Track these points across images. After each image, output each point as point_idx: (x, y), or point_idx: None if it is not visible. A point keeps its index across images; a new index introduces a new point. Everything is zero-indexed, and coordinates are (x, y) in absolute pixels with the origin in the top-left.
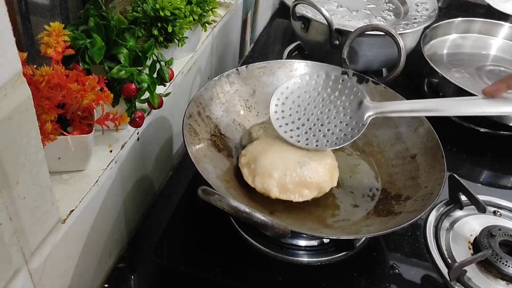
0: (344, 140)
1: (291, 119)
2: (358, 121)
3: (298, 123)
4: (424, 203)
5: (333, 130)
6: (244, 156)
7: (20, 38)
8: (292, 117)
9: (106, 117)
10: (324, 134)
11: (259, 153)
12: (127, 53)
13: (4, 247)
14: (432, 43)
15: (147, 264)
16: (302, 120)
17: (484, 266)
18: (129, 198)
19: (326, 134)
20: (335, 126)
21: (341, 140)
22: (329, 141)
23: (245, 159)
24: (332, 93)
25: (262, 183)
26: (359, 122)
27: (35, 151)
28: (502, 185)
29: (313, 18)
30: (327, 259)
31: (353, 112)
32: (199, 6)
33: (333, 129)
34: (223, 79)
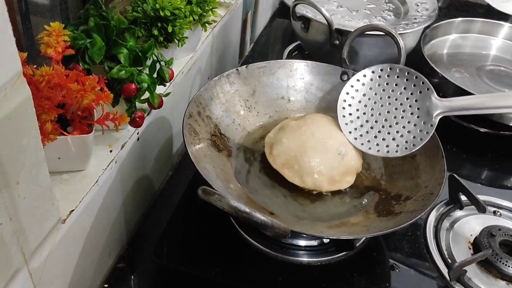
0: (415, 145)
1: (359, 122)
2: (427, 121)
3: (366, 126)
4: (424, 203)
5: (402, 132)
6: (278, 156)
7: (20, 38)
8: (360, 120)
9: (106, 117)
10: (394, 138)
11: (298, 152)
12: (127, 53)
13: (4, 247)
14: (432, 43)
15: (147, 264)
16: (370, 122)
17: (484, 266)
18: (129, 198)
19: (395, 137)
20: (403, 127)
21: (411, 145)
22: (399, 146)
23: (281, 160)
24: (398, 88)
25: (313, 182)
26: (427, 122)
27: (35, 151)
28: (502, 185)
29: (313, 18)
30: (327, 259)
31: (420, 111)
32: (199, 6)
33: (402, 131)
34: (223, 79)
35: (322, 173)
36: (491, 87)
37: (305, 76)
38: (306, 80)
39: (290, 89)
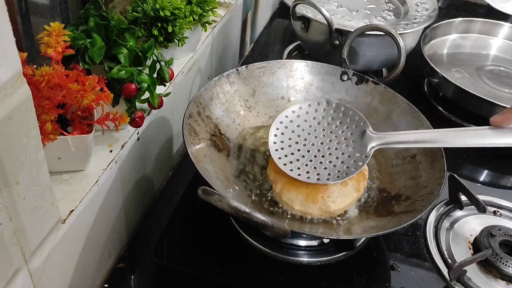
0: (347, 173)
1: (290, 150)
2: (361, 152)
3: (298, 154)
4: (424, 203)
5: (335, 162)
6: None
7: (20, 38)
8: (292, 148)
9: (106, 117)
10: (326, 167)
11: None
12: (127, 53)
13: (4, 247)
14: (432, 43)
15: (147, 264)
16: (302, 151)
17: (484, 266)
18: (129, 198)
19: (327, 166)
20: (337, 158)
21: (343, 174)
22: (331, 175)
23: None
24: (334, 122)
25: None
26: (362, 154)
27: (35, 151)
28: (502, 185)
29: (313, 18)
30: (327, 259)
31: (355, 143)
32: (199, 6)
33: (335, 161)
34: (223, 79)
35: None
36: (491, 87)
37: (305, 76)
38: (306, 80)
39: (290, 89)
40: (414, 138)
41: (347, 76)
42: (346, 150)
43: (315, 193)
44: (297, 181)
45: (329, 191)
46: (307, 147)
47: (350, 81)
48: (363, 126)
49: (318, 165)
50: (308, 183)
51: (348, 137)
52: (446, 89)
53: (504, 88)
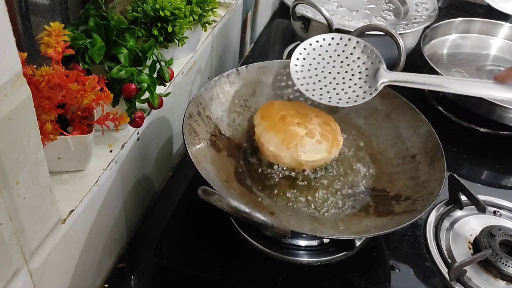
0: (356, 101)
1: (309, 74)
2: (372, 85)
3: (315, 78)
4: (424, 203)
5: (347, 90)
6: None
7: (20, 38)
8: (311, 72)
9: (106, 117)
10: (338, 92)
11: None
12: (127, 53)
13: (4, 247)
14: (432, 43)
15: (147, 264)
16: (319, 76)
17: (484, 266)
18: (129, 198)
19: (339, 92)
20: (349, 87)
21: (353, 100)
22: (341, 99)
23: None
24: (352, 56)
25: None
26: (372, 87)
27: (35, 151)
28: (502, 185)
29: (313, 18)
30: (327, 259)
31: (368, 77)
32: (199, 6)
33: (347, 89)
34: (223, 79)
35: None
36: None
37: None
38: None
39: (290, 89)
40: (421, 80)
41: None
42: (359, 82)
43: (290, 139)
44: (278, 126)
45: (303, 142)
46: (325, 73)
47: None
48: (378, 64)
49: (331, 90)
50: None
51: (363, 71)
52: None
53: None
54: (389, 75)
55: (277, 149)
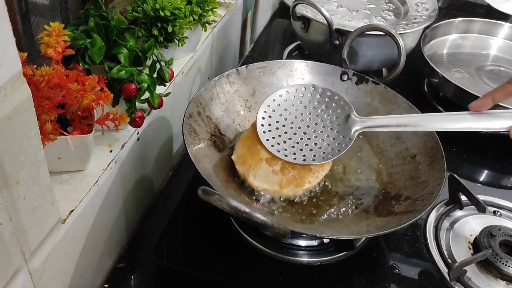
0: (332, 155)
1: (277, 132)
2: (346, 135)
3: (285, 137)
4: (424, 203)
5: (320, 144)
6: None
7: (20, 38)
8: (279, 130)
9: (106, 117)
10: (311, 149)
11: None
12: (127, 53)
13: (4, 247)
14: (432, 43)
15: (147, 264)
16: (289, 134)
17: (484, 266)
18: (129, 198)
19: (313, 148)
20: (322, 141)
21: (328, 155)
22: (316, 156)
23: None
24: (319, 106)
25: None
26: (346, 137)
27: (35, 151)
28: (502, 185)
29: (313, 18)
30: (327, 259)
31: (340, 126)
32: (199, 6)
33: (320, 143)
34: (223, 79)
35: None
36: (491, 87)
37: (305, 76)
38: (306, 80)
39: None
40: (396, 122)
41: (347, 76)
42: (331, 133)
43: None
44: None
45: (258, 165)
46: (294, 129)
47: (350, 81)
48: (348, 110)
49: (304, 147)
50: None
51: (333, 121)
52: (446, 89)
53: None
54: (362, 121)
55: (237, 160)
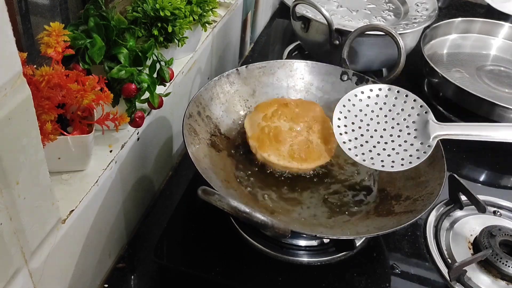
0: (411, 162)
1: (354, 134)
2: (424, 141)
3: (361, 139)
4: (424, 203)
5: (398, 149)
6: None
7: (20, 38)
8: (355, 132)
9: (106, 117)
10: (389, 154)
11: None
12: (127, 53)
13: (4, 247)
14: (432, 43)
15: (147, 264)
16: (365, 136)
17: (484, 266)
18: (129, 198)
19: (391, 153)
20: (399, 146)
21: (407, 162)
22: (394, 162)
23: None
24: (395, 108)
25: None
26: (425, 143)
27: (35, 151)
28: (502, 185)
29: (313, 18)
30: (327, 259)
31: (418, 132)
32: (199, 6)
33: (398, 149)
34: (223, 79)
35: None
36: (491, 87)
37: (305, 76)
38: (306, 80)
39: (290, 89)
40: (476, 132)
41: (347, 76)
42: (408, 138)
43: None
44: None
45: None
46: (370, 132)
47: (350, 81)
48: (426, 115)
49: (381, 152)
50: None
51: (411, 125)
52: (446, 89)
53: (504, 88)
54: (441, 128)
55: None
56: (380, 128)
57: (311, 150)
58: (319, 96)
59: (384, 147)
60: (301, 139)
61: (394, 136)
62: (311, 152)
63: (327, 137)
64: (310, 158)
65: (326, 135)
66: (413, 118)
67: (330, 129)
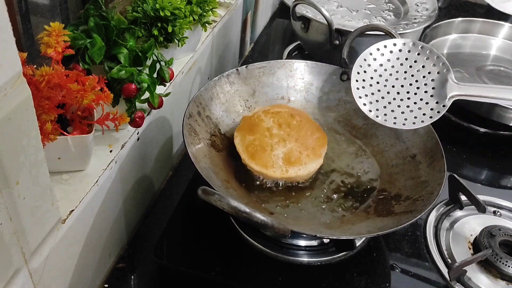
0: (423, 121)
1: (371, 90)
2: (440, 101)
3: (377, 95)
4: (424, 203)
5: (413, 107)
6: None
7: (20, 38)
8: (372, 88)
9: (106, 117)
10: (403, 111)
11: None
12: (127, 53)
13: (4, 247)
14: (432, 43)
15: (147, 264)
16: (382, 92)
17: (484, 266)
18: (129, 198)
19: (405, 111)
20: (415, 104)
21: (420, 120)
22: (407, 120)
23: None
24: (416, 65)
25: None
26: (440, 103)
27: (35, 151)
28: (502, 185)
29: (313, 18)
30: (327, 259)
31: (435, 90)
32: (199, 6)
33: (413, 106)
34: (223, 79)
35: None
36: None
37: (305, 76)
38: (306, 80)
39: (290, 89)
40: (494, 94)
41: (347, 76)
42: (425, 96)
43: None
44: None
45: (262, 152)
46: (387, 88)
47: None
48: (446, 74)
49: (396, 108)
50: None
51: (429, 83)
52: None
53: None
54: (460, 88)
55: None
56: (398, 84)
57: (302, 156)
58: (319, 96)
59: (399, 104)
60: (290, 148)
61: (411, 93)
62: (303, 158)
63: (316, 141)
64: (302, 163)
65: (314, 140)
66: (432, 75)
67: (318, 133)
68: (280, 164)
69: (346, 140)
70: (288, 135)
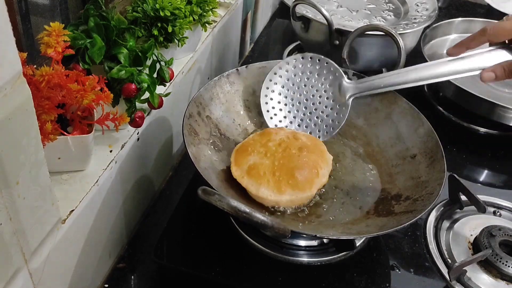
0: (333, 128)
1: (282, 114)
2: (341, 104)
3: (289, 117)
4: (424, 203)
5: (322, 117)
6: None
7: (20, 38)
8: (283, 111)
9: (106, 117)
10: (315, 123)
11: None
12: (127, 53)
13: (4, 247)
14: (432, 43)
15: (147, 264)
16: (292, 112)
17: (484, 266)
18: (129, 198)
19: (316, 123)
20: (322, 113)
21: (330, 128)
22: (321, 131)
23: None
24: (312, 75)
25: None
26: (342, 105)
27: (35, 151)
28: (502, 185)
29: (313, 18)
30: (327, 259)
31: (334, 95)
32: (199, 6)
33: (321, 116)
34: (223, 79)
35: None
36: (491, 87)
37: None
38: None
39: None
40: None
41: (347, 76)
42: (328, 103)
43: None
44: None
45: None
46: (295, 106)
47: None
48: (339, 77)
49: (308, 123)
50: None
51: (328, 89)
52: (446, 89)
53: (504, 88)
54: (352, 86)
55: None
56: (303, 99)
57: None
58: None
59: (309, 118)
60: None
61: (316, 104)
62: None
63: (318, 160)
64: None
65: (316, 158)
66: (328, 82)
67: (319, 152)
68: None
69: (346, 140)
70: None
